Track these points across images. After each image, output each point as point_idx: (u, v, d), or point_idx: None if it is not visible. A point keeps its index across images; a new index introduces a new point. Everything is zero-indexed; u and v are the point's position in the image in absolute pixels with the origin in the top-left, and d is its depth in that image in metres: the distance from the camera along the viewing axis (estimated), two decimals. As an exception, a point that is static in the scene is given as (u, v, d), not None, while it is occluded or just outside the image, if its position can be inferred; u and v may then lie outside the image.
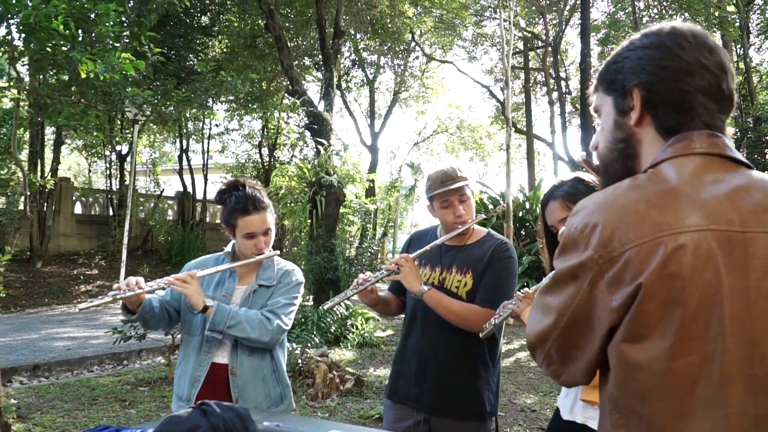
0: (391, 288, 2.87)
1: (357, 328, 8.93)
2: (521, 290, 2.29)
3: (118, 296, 2.32)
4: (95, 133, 13.50)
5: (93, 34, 5.34)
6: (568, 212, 2.08)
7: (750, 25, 16.15)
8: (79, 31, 5.29)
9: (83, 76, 5.06)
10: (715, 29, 16.01)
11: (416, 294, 2.48)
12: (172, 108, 6.32)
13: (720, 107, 1.12)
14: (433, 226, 2.81)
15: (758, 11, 16.51)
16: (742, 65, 15.43)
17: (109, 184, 18.12)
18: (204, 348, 2.51)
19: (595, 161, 1.29)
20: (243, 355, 2.49)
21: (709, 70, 1.10)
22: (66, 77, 6.16)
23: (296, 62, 14.59)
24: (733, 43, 15.10)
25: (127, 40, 6.07)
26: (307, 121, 9.69)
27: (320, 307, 8.05)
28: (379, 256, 21.24)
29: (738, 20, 15.17)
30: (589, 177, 2.18)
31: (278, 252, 2.66)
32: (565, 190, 2.14)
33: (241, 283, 2.62)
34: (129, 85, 6.04)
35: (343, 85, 21.04)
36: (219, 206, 2.63)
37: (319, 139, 9.22)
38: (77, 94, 5.78)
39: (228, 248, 2.69)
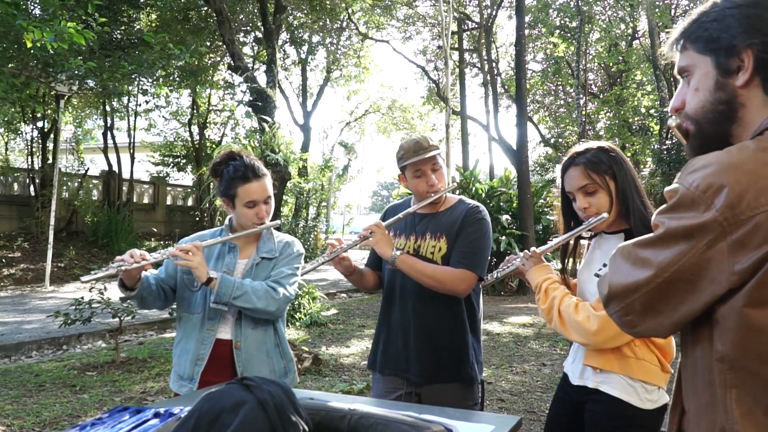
0: (368, 263, 2.90)
1: (304, 308, 8.88)
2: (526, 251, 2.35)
3: (123, 267, 2.22)
4: (21, 106, 12.66)
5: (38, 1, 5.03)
6: (589, 180, 2.13)
7: (674, 9, 16.82)
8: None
9: (29, 45, 4.76)
10: (640, 11, 16.61)
11: (388, 259, 2.53)
12: (117, 81, 6.02)
13: None
14: (407, 199, 2.85)
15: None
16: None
17: (30, 163, 17.15)
18: (206, 325, 2.45)
19: (677, 122, 1.25)
20: (247, 328, 2.45)
21: None
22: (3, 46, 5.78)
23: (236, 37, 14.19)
24: (658, 27, 15.69)
25: (72, 10, 5.74)
26: (249, 98, 9.46)
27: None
28: (312, 235, 21.11)
29: (664, 6, 15.74)
30: (612, 146, 2.22)
31: (279, 222, 2.61)
32: (587, 158, 2.15)
33: (242, 256, 2.56)
34: (72, 55, 5.73)
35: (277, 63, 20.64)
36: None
37: (263, 116, 9.03)
38: (18, 65, 5.43)
39: (226, 222, 2.63)
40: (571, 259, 2.42)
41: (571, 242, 2.34)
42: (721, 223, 0.98)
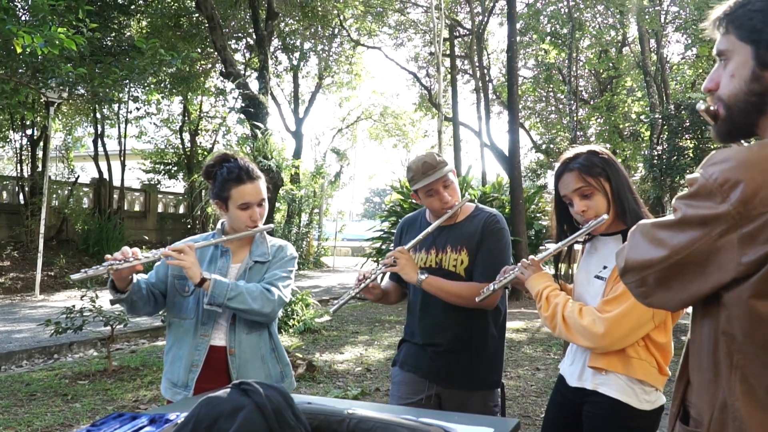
0: (391, 276, 2.89)
1: (298, 314, 8.83)
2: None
3: (114, 266, 2.18)
4: (10, 113, 12.57)
5: (27, 6, 4.99)
6: (583, 183, 2.14)
7: (663, 16, 16.91)
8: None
9: (19, 50, 4.72)
10: (631, 18, 16.72)
11: (415, 284, 2.53)
12: (109, 88, 5.97)
13: None
14: (420, 210, 2.86)
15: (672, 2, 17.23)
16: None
17: (19, 171, 17.03)
18: (200, 331, 2.41)
19: (710, 105, 1.27)
20: (241, 333, 2.42)
21: None
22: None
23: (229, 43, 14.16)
24: (648, 34, 15.79)
25: (62, 15, 5.70)
26: (242, 104, 9.44)
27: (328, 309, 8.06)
28: (305, 242, 21.09)
29: (654, 12, 15.81)
30: (602, 149, 2.23)
31: (273, 225, 2.59)
32: (580, 162, 2.16)
33: (235, 260, 2.53)
34: (63, 61, 5.69)
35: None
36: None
37: (255, 123, 9.01)
38: (7, 71, 5.38)
39: (218, 226, 2.60)
40: (564, 264, 2.43)
41: (563, 253, 2.33)
42: (734, 216, 1.05)
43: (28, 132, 16.95)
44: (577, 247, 2.37)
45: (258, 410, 1.54)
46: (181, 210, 22.25)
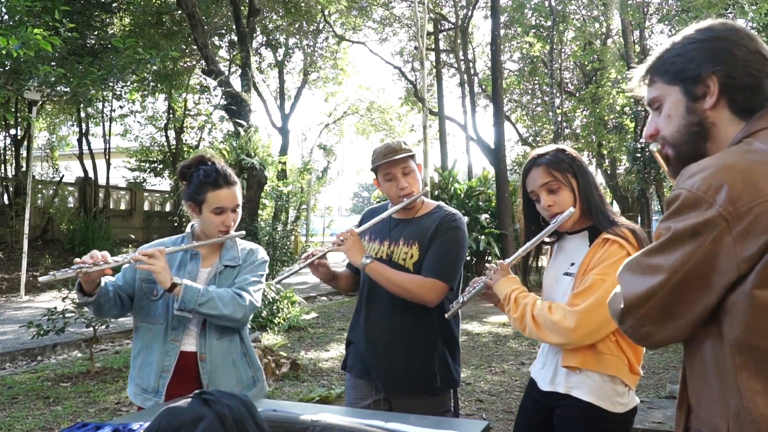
0: (348, 265, 2.87)
1: (283, 312, 8.83)
2: (492, 263, 2.33)
3: (83, 269, 2.16)
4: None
5: (2, 6, 4.95)
6: (551, 177, 2.16)
7: (646, 7, 16.97)
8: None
9: (-7, 52, 4.68)
10: (614, 10, 16.78)
11: (358, 266, 2.52)
12: (87, 88, 5.93)
13: None
14: (385, 203, 2.82)
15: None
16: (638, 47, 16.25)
17: (2, 171, 16.90)
18: (170, 336, 2.39)
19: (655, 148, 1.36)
20: (212, 339, 2.40)
21: (766, 58, 1.26)
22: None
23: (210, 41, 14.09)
24: (631, 26, 15.85)
25: (38, 15, 5.65)
26: (224, 102, 9.39)
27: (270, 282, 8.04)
28: (292, 239, 21.01)
29: (636, 4, 15.85)
30: (570, 148, 2.24)
31: (244, 232, 2.58)
32: (548, 159, 2.18)
33: (205, 265, 2.51)
34: (40, 62, 5.64)
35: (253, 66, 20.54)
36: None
37: (238, 120, 8.98)
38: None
39: (188, 229, 2.58)
40: (533, 265, 2.44)
41: (532, 252, 2.34)
42: (725, 217, 1.08)
43: (12, 131, 16.81)
44: (546, 250, 2.38)
45: (218, 420, 1.54)
46: (168, 208, 22.14)
